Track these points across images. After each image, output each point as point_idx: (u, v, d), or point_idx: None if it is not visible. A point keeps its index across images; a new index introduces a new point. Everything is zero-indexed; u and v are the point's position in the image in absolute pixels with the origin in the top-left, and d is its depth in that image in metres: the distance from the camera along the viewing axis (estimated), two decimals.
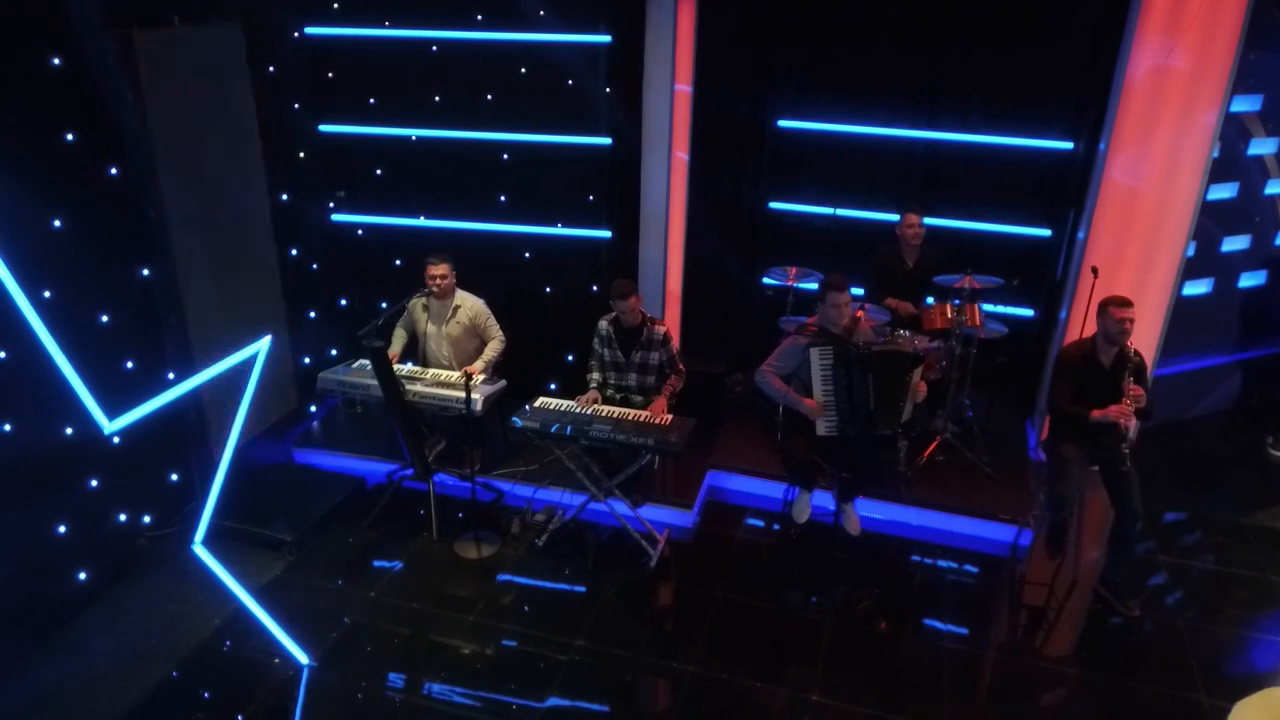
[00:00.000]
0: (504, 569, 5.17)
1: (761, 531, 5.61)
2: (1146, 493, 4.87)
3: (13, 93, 4.04)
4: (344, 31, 5.99)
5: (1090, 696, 4.36)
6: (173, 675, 4.33)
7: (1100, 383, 4.74)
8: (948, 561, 5.35)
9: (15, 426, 4.12)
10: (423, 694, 4.28)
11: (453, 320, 5.61)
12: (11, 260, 3.68)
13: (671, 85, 5.76)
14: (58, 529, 4.50)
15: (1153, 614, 4.89)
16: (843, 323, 4.98)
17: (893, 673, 4.51)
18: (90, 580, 4.71)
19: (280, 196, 5.81)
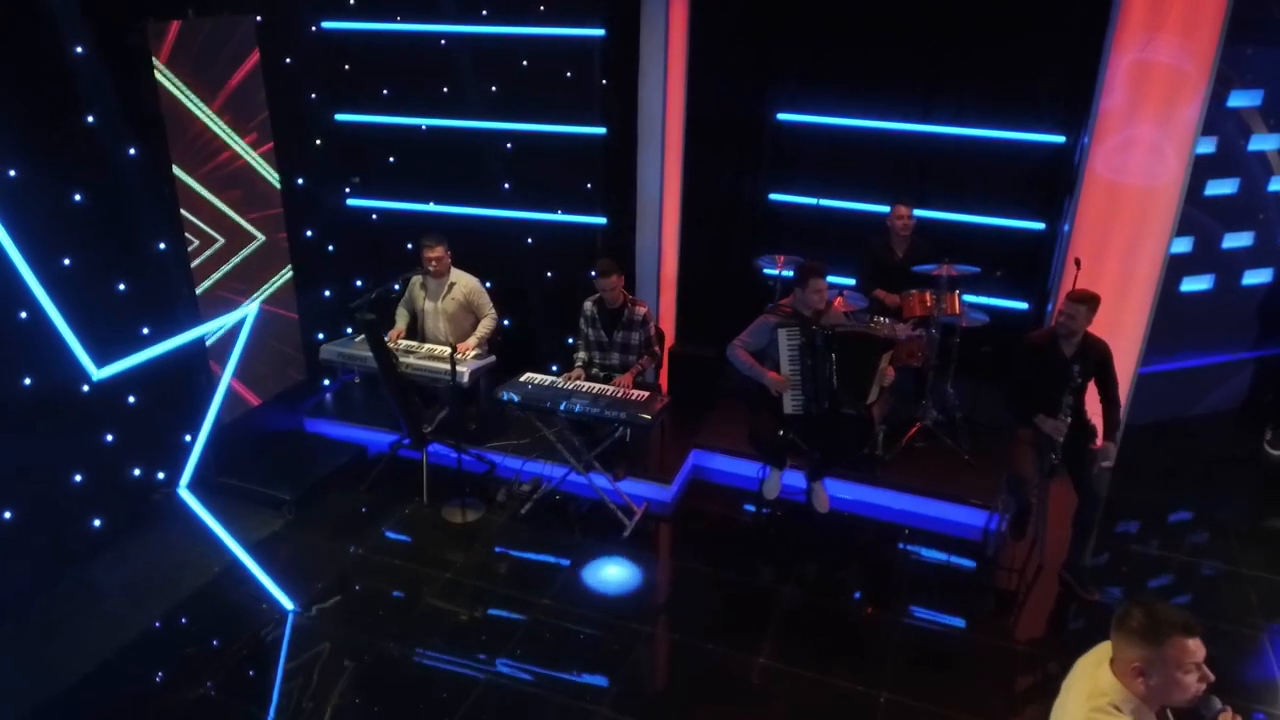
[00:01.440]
0: (485, 533, 5.46)
1: (737, 508, 5.80)
2: (1136, 487, 4.95)
3: (39, 78, 4.47)
4: (359, 25, 6.36)
5: (1031, 673, 4.47)
6: (170, 613, 4.73)
7: (1059, 372, 4.81)
8: (917, 543, 5.48)
9: (34, 380, 4.53)
10: (394, 641, 4.59)
11: (448, 297, 5.92)
12: (28, 230, 4.11)
13: (664, 78, 5.98)
14: (74, 478, 4.92)
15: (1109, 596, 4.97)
16: (819, 308, 5.15)
17: (840, 641, 4.66)
18: (104, 527, 5.13)
19: (296, 180, 6.20)
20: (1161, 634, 2.30)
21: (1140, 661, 2.31)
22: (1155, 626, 2.31)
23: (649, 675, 4.46)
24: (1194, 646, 2.30)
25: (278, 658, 4.52)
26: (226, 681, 4.33)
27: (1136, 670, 2.32)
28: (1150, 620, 2.32)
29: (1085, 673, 2.48)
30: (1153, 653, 2.30)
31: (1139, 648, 2.32)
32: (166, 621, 4.69)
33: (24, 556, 4.70)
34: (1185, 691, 2.31)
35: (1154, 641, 2.30)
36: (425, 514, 5.64)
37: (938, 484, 5.67)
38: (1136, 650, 2.32)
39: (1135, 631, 2.33)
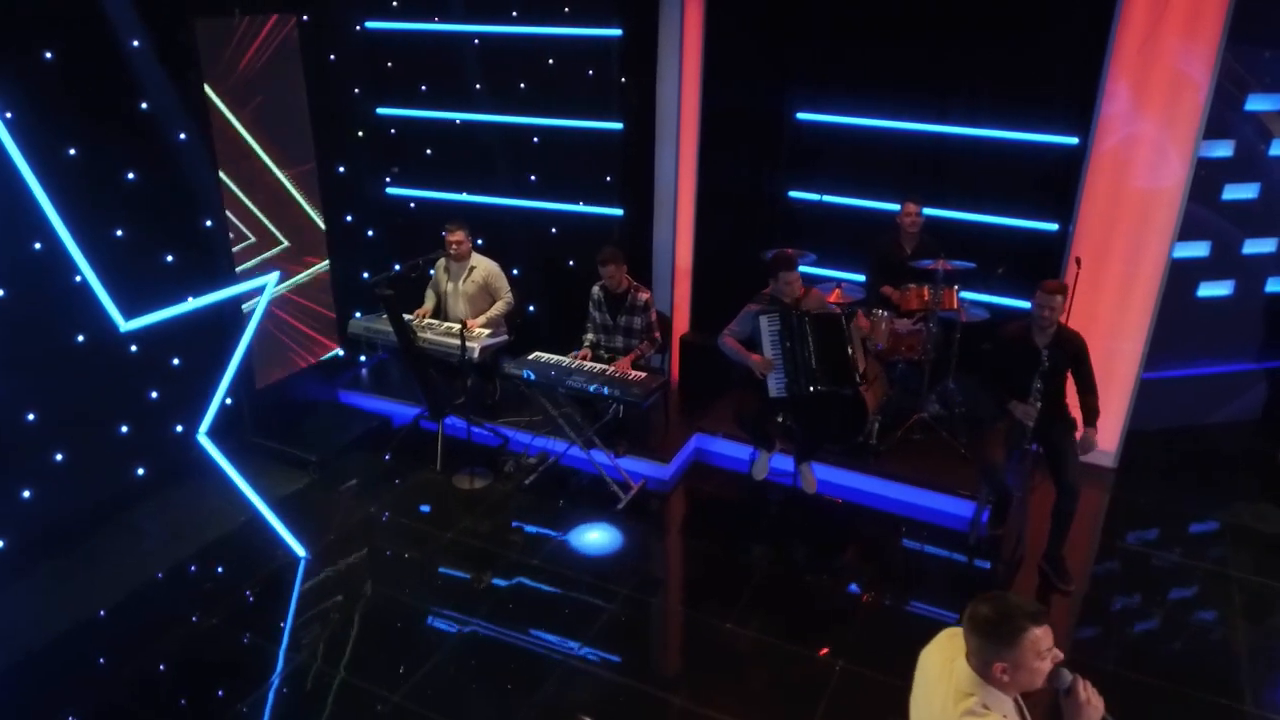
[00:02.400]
0: (489, 500, 5.83)
1: (730, 489, 6.03)
2: (1148, 492, 5.02)
3: (99, 68, 5.01)
4: (400, 25, 6.82)
5: None
6: (196, 554, 5.23)
7: (1029, 359, 4.91)
8: (903, 531, 5.61)
9: (86, 338, 5.08)
10: (390, 588, 5.00)
11: (468, 279, 6.32)
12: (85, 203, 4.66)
13: (679, 76, 6.27)
14: (120, 429, 5.46)
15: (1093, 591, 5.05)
16: (793, 296, 5.37)
17: (810, 614, 4.86)
18: (147, 476, 5.67)
19: (337, 169, 6.69)
20: (1016, 631, 2.32)
21: (1005, 663, 2.33)
22: (1007, 623, 2.33)
23: (621, 634, 4.73)
24: (1044, 634, 2.34)
25: (286, 597, 4.97)
26: (236, 615, 4.79)
27: (1001, 669, 2.34)
28: (1002, 618, 2.35)
29: (941, 669, 2.48)
30: (1011, 652, 2.32)
31: (998, 648, 2.33)
32: (191, 561, 5.19)
33: (74, 496, 5.25)
34: (1041, 675, 2.37)
35: (1011, 641, 2.32)
36: (437, 480, 6.04)
37: (929, 475, 5.79)
38: (995, 650, 2.34)
39: (990, 632, 2.36)
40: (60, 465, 5.16)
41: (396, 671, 4.41)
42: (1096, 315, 6.00)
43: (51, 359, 4.96)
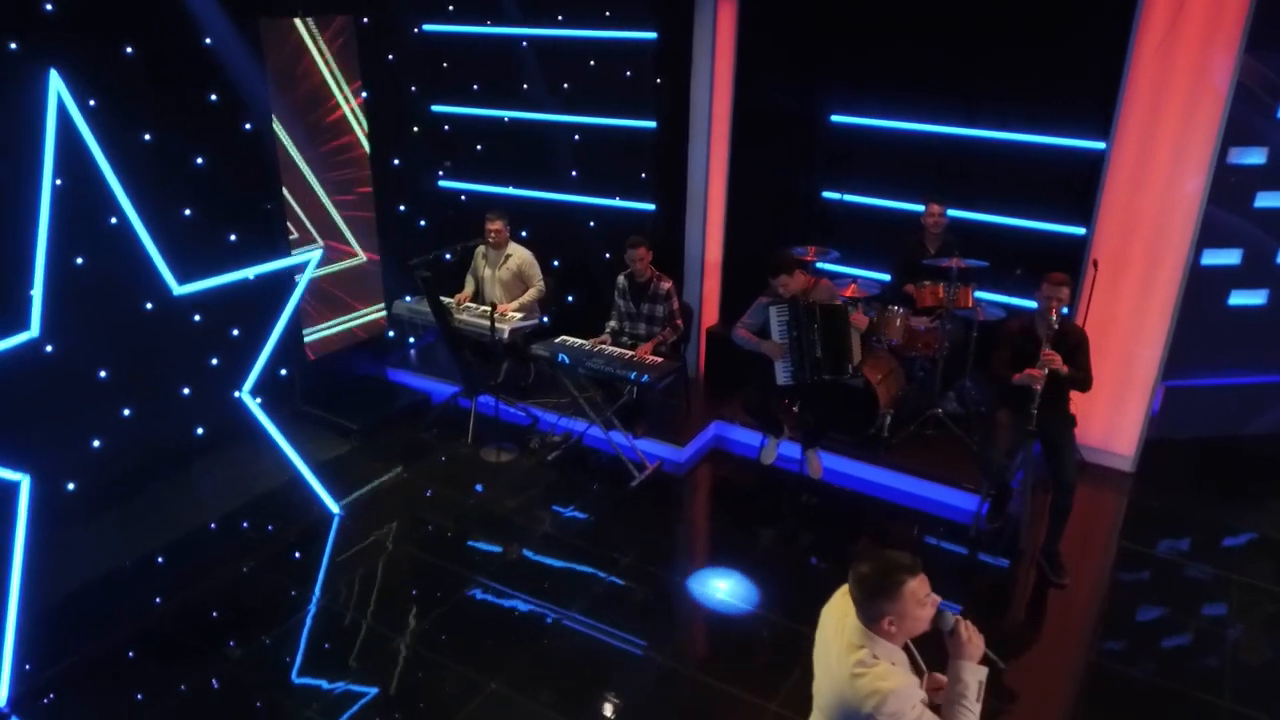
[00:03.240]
0: (512, 472, 6.21)
1: (744, 474, 6.27)
2: (1165, 497, 5.20)
3: (175, 62, 5.57)
4: (455, 29, 7.28)
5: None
6: (242, 507, 5.73)
7: (1036, 353, 5.03)
8: (908, 521, 5.76)
9: (153, 305, 5.62)
10: (410, 545, 5.42)
11: (504, 266, 6.71)
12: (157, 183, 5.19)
13: (711, 78, 6.55)
14: (183, 391, 6.01)
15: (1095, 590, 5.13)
16: (793, 292, 5.60)
17: (800, 591, 5.07)
18: (205, 436, 6.21)
19: (392, 162, 7.18)
20: (894, 583, 2.50)
21: (889, 615, 2.51)
22: (886, 578, 2.51)
23: (617, 600, 5.02)
24: (920, 583, 2.54)
25: (319, 547, 5.43)
26: (273, 560, 5.28)
27: (889, 622, 2.52)
28: (879, 573, 2.51)
29: (836, 626, 2.66)
30: (894, 603, 2.51)
31: (881, 601, 2.50)
32: (237, 512, 5.69)
33: (139, 449, 5.80)
34: (924, 622, 2.57)
35: (892, 593, 2.50)
36: (467, 452, 6.45)
37: (937, 468, 5.92)
38: (879, 605, 2.51)
39: (871, 588, 2.52)
40: (128, 420, 5.72)
41: (410, 617, 4.81)
42: (1116, 318, 6.05)
43: (122, 323, 5.49)
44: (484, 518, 5.71)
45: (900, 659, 2.58)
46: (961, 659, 2.61)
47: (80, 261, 5.07)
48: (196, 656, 4.53)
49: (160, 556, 5.28)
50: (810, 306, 5.57)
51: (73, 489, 5.47)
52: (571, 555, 5.33)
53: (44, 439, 4.69)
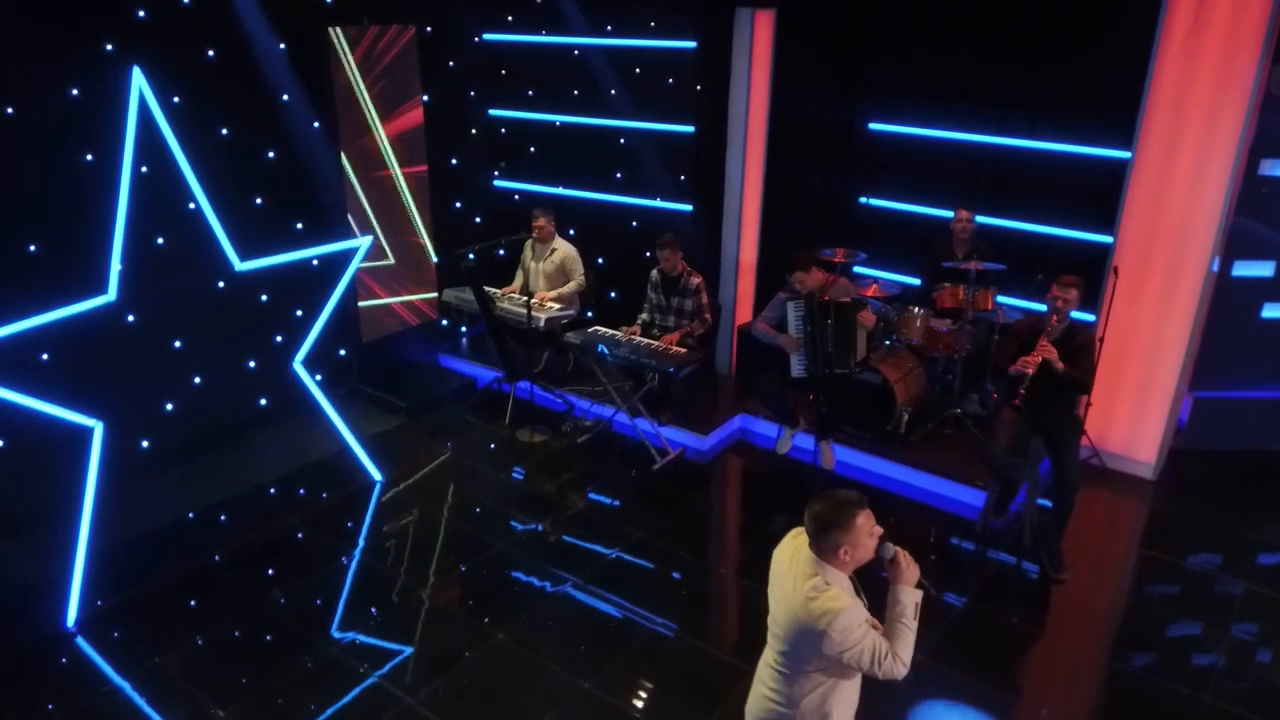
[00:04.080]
0: (543, 452, 6.62)
1: (763, 464, 6.53)
2: (1185, 506, 5.50)
3: (251, 65, 6.16)
4: (513, 37, 7.77)
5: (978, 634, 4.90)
6: (294, 471, 6.26)
7: (1030, 342, 5.15)
8: (918, 515, 5.93)
9: (225, 286, 6.21)
10: (443, 511, 5.87)
11: (548, 260, 7.13)
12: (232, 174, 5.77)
13: (748, 86, 6.85)
14: (249, 364, 6.59)
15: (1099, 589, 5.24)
16: (809, 289, 5.84)
17: None
18: (268, 406, 6.77)
19: (450, 161, 7.69)
20: (848, 516, 2.79)
21: (843, 544, 2.80)
22: (841, 512, 2.80)
23: (622, 571, 5.35)
24: (868, 516, 2.83)
25: (361, 510, 5.93)
26: (318, 519, 5.80)
27: (845, 551, 2.81)
28: (834, 508, 2.81)
29: (789, 560, 2.95)
30: (848, 534, 2.79)
31: (837, 533, 2.80)
32: (291, 476, 6.22)
33: (207, 414, 6.39)
34: (871, 550, 2.86)
35: (846, 525, 2.79)
36: (504, 433, 6.88)
37: (949, 465, 6.06)
38: (835, 536, 2.80)
39: (828, 522, 2.80)
40: (198, 387, 6.31)
41: (436, 573, 5.24)
42: (1138, 326, 6.10)
43: (197, 299, 6.04)
44: (513, 492, 6.13)
45: (847, 586, 2.87)
46: (900, 584, 2.90)
47: (160, 241, 5.65)
48: (243, 597, 5.05)
49: (219, 510, 5.83)
50: (825, 303, 5.81)
51: (146, 446, 6.07)
52: (589, 529, 5.68)
53: (121, 397, 5.25)
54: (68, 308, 4.67)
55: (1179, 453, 6.59)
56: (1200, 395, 6.63)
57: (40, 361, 4.82)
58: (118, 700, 4.33)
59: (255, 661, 4.56)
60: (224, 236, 5.32)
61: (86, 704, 4.30)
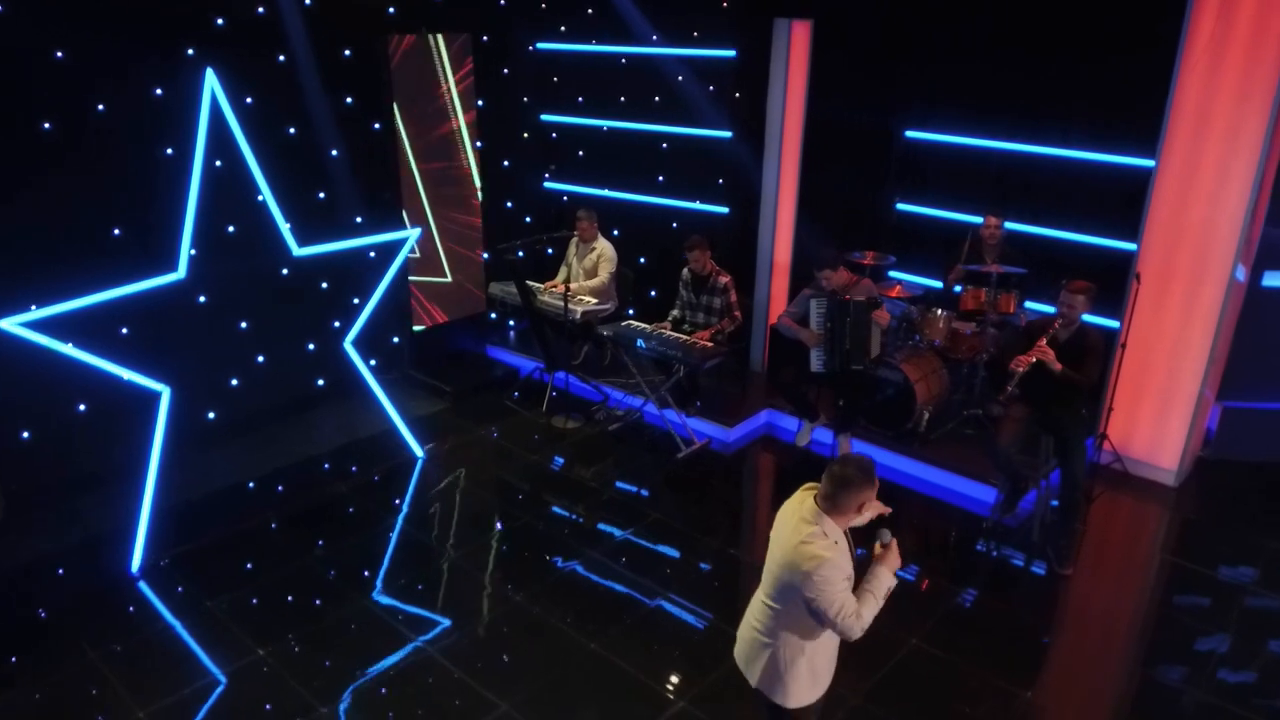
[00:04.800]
0: (573, 437, 6.98)
1: (786, 457, 6.76)
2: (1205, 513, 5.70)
3: (320, 70, 6.68)
4: (564, 46, 8.18)
5: (980, 623, 5.08)
6: (345, 445, 6.76)
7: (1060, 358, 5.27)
8: (933, 510, 6.09)
9: (288, 272, 6.73)
10: (476, 484, 6.30)
11: (588, 258, 7.50)
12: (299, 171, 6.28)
13: (784, 93, 7.12)
14: (309, 346, 7.10)
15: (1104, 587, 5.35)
16: (834, 287, 6.07)
17: None
18: (325, 386, 7.29)
19: (502, 163, 8.14)
20: (872, 475, 3.10)
21: (864, 499, 3.08)
22: (865, 475, 3.09)
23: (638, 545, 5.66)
24: (876, 482, 3.13)
25: (403, 482, 6.37)
26: (363, 488, 6.25)
27: (860, 506, 3.09)
28: (860, 471, 3.09)
29: (793, 511, 3.22)
30: (870, 490, 3.09)
31: (862, 490, 3.07)
32: (341, 449, 6.72)
33: (268, 391, 6.93)
34: (877, 509, 3.15)
35: (870, 482, 3.09)
36: (540, 419, 7.26)
37: (966, 463, 6.21)
38: (859, 493, 3.07)
39: (851, 480, 3.06)
40: (261, 365, 6.86)
41: (465, 540, 5.64)
42: (1161, 333, 6.16)
43: (263, 283, 6.59)
44: (542, 472, 6.49)
45: (842, 542, 3.14)
46: (883, 565, 3.20)
47: (231, 230, 6.20)
48: (291, 554, 5.51)
49: (276, 478, 6.33)
50: (845, 302, 6.04)
51: (212, 417, 6.64)
52: (611, 508, 6.01)
53: (190, 369, 5.75)
54: (142, 282, 5.19)
55: (1207, 462, 6.60)
56: (1230, 405, 6.63)
57: (120, 335, 5.37)
58: (170, 636, 4.82)
59: (297, 609, 5.01)
60: (284, 225, 5.80)
61: (143, 638, 4.79)
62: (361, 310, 6.43)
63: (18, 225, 5.41)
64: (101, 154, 5.70)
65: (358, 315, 6.56)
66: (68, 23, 5.41)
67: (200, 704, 4.35)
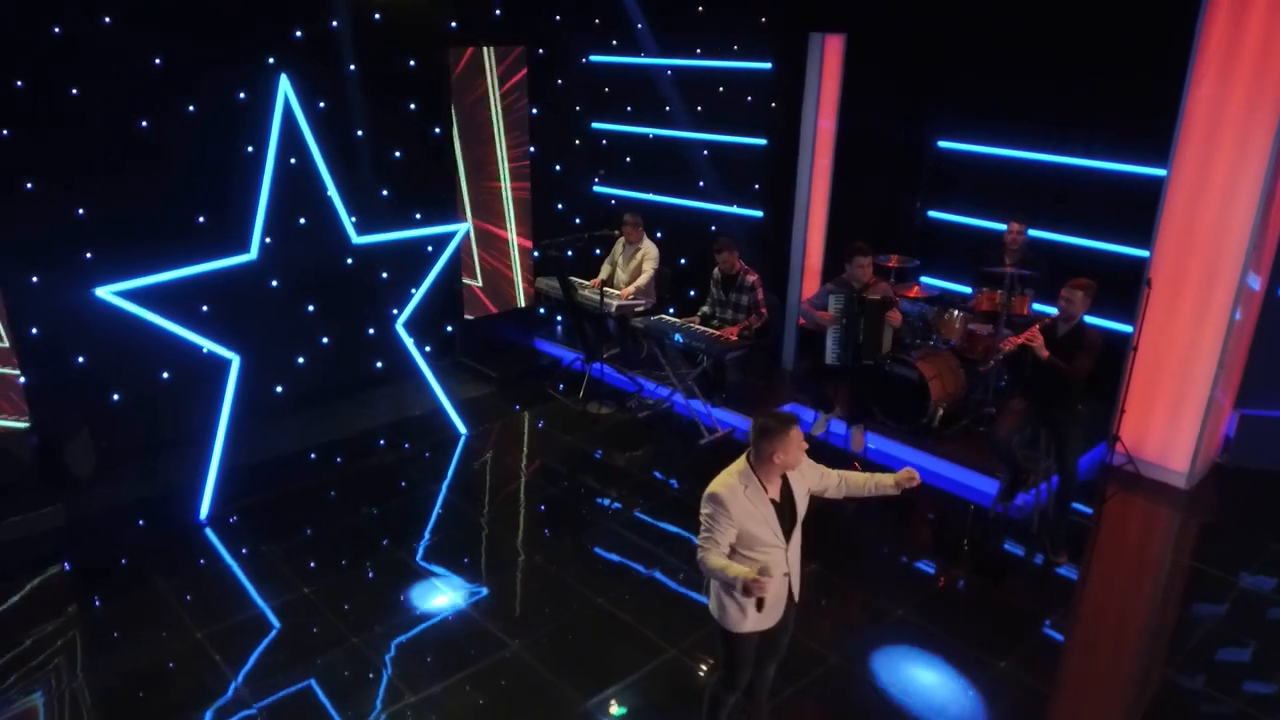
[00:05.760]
0: (605, 423, 7.46)
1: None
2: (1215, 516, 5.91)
3: (385, 79, 7.35)
4: (615, 59, 8.71)
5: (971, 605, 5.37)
6: (396, 422, 7.36)
7: (1053, 350, 5.52)
8: (940, 499, 6.35)
9: (355, 262, 7.37)
10: (511, 461, 6.83)
11: (634, 258, 7.98)
12: (364, 169, 6.94)
13: (817, 103, 7.50)
14: (369, 331, 7.74)
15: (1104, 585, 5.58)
16: (863, 280, 6.41)
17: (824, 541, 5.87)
18: (382, 369, 7.92)
19: (554, 168, 8.70)
20: (786, 425, 3.47)
21: (776, 450, 3.44)
22: (781, 423, 3.47)
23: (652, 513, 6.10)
24: (799, 432, 3.50)
25: (447, 456, 6.94)
26: (410, 460, 6.85)
27: (776, 456, 3.44)
28: (776, 421, 3.48)
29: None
30: (781, 440, 3.45)
31: (774, 439, 3.44)
32: (393, 425, 7.33)
33: (331, 370, 7.59)
34: (797, 460, 3.52)
35: (783, 432, 3.46)
36: (576, 405, 7.76)
37: (977, 458, 6.45)
38: (771, 442, 3.44)
39: (770, 430, 3.44)
40: (325, 347, 7.52)
41: (497, 507, 6.17)
42: (1173, 338, 6.33)
43: (329, 271, 7.22)
44: (572, 451, 6.98)
45: (756, 495, 3.47)
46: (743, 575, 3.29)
47: (303, 221, 6.86)
48: (342, 512, 6.11)
49: (333, 447, 6.96)
50: (862, 299, 6.38)
51: (280, 391, 7.32)
52: (632, 485, 6.46)
53: (261, 343, 6.39)
54: (218, 261, 5.86)
55: (1225, 469, 6.71)
56: (1248, 413, 6.73)
57: (200, 311, 6.03)
58: (228, 573, 5.46)
59: (341, 557, 5.59)
60: (345, 217, 6.43)
61: (205, 574, 5.44)
62: (427, 301, 7.03)
63: (115, 209, 6.16)
64: (190, 149, 6.42)
65: (421, 307, 7.13)
66: (166, 34, 6.14)
67: (250, 629, 4.95)
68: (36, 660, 4.72)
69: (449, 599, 5.19)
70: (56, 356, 6.25)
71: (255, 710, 4.37)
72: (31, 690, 4.51)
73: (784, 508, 3.56)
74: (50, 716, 4.37)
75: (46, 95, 5.85)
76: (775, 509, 3.52)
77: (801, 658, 4.60)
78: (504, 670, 4.63)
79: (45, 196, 5.97)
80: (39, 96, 5.83)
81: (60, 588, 5.38)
